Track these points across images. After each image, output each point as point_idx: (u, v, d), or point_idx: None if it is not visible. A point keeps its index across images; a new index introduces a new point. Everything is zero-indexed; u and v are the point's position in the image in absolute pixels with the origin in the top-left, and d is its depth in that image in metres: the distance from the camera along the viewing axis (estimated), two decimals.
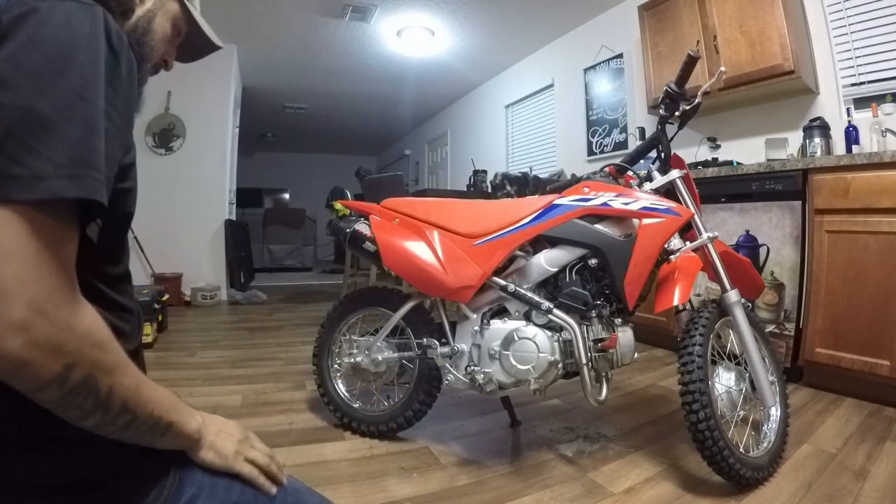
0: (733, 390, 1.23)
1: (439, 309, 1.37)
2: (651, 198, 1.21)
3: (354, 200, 2.20)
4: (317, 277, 6.39)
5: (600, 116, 3.78)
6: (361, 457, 1.32)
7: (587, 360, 1.17)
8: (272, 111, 6.65)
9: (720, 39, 2.50)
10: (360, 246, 1.36)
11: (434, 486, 1.16)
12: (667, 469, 1.25)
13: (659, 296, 1.18)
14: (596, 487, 1.16)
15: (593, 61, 3.83)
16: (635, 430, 1.50)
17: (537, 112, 4.66)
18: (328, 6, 3.60)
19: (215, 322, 3.20)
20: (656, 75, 2.91)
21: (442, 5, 3.63)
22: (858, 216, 1.75)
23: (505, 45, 4.43)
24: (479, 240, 1.26)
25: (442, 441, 1.42)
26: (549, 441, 1.43)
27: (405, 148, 8.25)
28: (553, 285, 1.27)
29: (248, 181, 8.27)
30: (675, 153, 1.36)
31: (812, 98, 2.44)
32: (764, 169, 2.06)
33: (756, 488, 1.12)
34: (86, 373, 0.40)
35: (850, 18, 2.29)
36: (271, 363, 2.22)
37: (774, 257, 2.01)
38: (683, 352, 1.13)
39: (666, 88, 1.27)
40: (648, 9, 2.97)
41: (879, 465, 1.24)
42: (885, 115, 2.10)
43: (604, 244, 1.19)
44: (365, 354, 1.41)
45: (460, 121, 6.21)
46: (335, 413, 1.49)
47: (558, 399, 1.77)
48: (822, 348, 1.82)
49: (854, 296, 1.74)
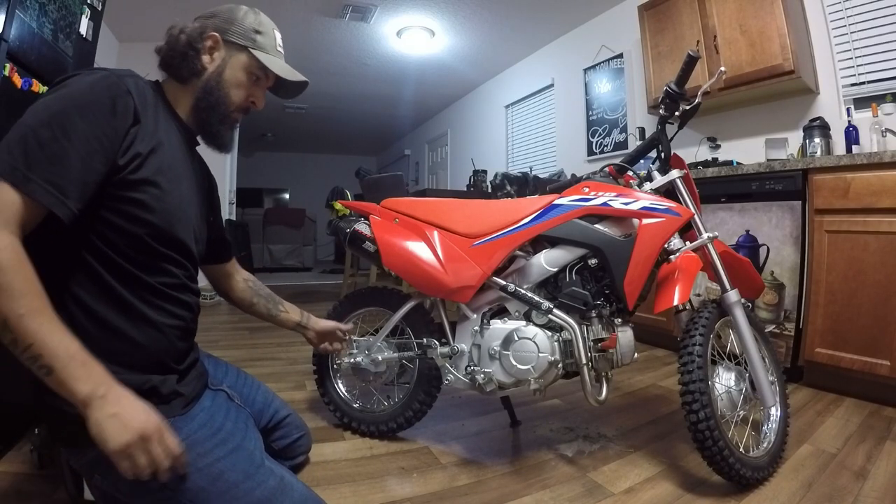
0: (733, 390, 1.23)
1: (439, 309, 1.37)
2: (651, 198, 1.21)
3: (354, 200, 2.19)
4: (317, 277, 6.39)
5: (600, 116, 3.78)
6: (361, 457, 1.32)
7: (587, 360, 1.17)
8: (272, 111, 6.64)
9: (720, 39, 2.50)
10: (360, 246, 1.36)
11: (434, 486, 1.16)
12: (667, 469, 1.25)
13: (659, 296, 1.18)
14: (596, 487, 1.16)
15: (593, 61, 3.83)
16: (635, 430, 1.50)
17: (537, 112, 4.65)
18: (328, 6, 3.60)
19: (215, 322, 3.20)
20: (656, 75, 2.91)
21: (442, 5, 3.63)
22: (858, 216, 1.75)
23: (505, 45, 4.43)
24: (479, 240, 1.26)
25: (442, 441, 1.42)
26: (549, 441, 1.43)
27: (405, 148, 8.24)
28: (553, 285, 1.27)
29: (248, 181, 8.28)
30: (675, 153, 1.35)
31: (812, 98, 2.44)
32: (764, 169, 2.06)
33: (756, 488, 1.12)
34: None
35: (850, 18, 2.29)
36: (271, 363, 2.22)
37: (774, 257, 2.01)
38: (683, 352, 1.13)
39: (666, 88, 1.27)
40: (648, 9, 2.97)
41: (879, 465, 1.24)
42: (885, 115, 2.10)
43: (604, 244, 1.19)
44: (365, 354, 1.40)
45: (460, 121, 6.21)
46: (335, 413, 1.49)
47: (558, 399, 1.77)
48: (822, 348, 1.82)
49: (854, 296, 1.74)
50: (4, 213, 0.57)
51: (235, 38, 0.85)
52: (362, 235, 1.35)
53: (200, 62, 0.83)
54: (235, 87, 0.85)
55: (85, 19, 1.63)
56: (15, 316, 0.53)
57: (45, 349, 0.55)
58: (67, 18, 1.52)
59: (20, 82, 1.30)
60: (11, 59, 1.26)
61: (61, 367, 0.56)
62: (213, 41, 0.84)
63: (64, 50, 1.52)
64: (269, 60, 0.87)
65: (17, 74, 1.28)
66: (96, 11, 1.71)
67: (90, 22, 1.66)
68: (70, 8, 1.53)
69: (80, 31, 1.60)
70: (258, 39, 0.87)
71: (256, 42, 0.86)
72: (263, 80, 0.90)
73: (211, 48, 0.84)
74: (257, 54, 0.86)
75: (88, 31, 1.66)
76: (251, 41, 0.86)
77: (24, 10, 1.29)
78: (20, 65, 1.30)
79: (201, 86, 0.83)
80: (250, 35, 0.86)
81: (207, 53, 0.83)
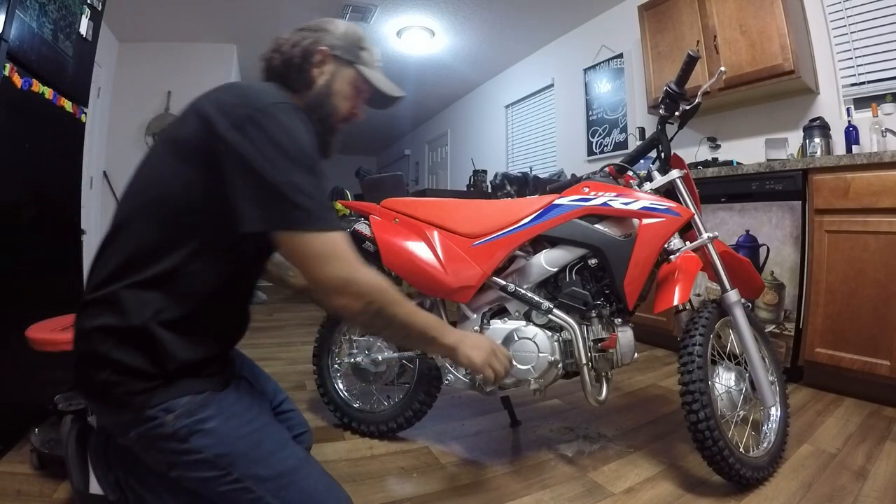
0: (733, 390, 1.23)
1: (439, 309, 1.37)
2: (651, 198, 1.21)
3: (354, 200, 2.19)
4: None
5: (600, 116, 3.78)
6: (361, 457, 1.32)
7: (587, 360, 1.17)
8: None
9: (720, 39, 2.50)
10: (360, 246, 1.35)
11: (434, 486, 1.16)
12: (667, 469, 1.25)
13: (659, 296, 1.18)
14: (596, 487, 1.16)
15: (593, 61, 3.83)
16: (635, 430, 1.50)
17: (537, 112, 4.65)
18: (328, 6, 3.60)
19: None
20: (656, 75, 2.91)
21: (442, 5, 3.63)
22: (858, 216, 1.75)
23: (505, 45, 4.43)
24: (479, 240, 1.26)
25: (442, 441, 1.42)
26: (549, 441, 1.43)
27: (405, 148, 8.24)
28: (553, 285, 1.27)
29: None
30: (675, 153, 1.35)
31: (812, 98, 2.44)
32: (764, 169, 2.06)
33: (756, 488, 1.12)
34: (377, 306, 0.75)
35: (850, 18, 2.29)
36: (271, 363, 2.22)
37: (774, 257, 2.01)
38: (683, 352, 1.13)
39: (666, 88, 1.27)
40: (648, 9, 2.97)
41: (879, 465, 1.24)
42: (885, 115, 2.10)
43: (604, 244, 1.19)
44: (365, 354, 1.40)
45: (460, 121, 6.21)
46: (335, 413, 1.49)
47: (558, 399, 1.77)
48: (822, 348, 1.82)
49: (854, 296, 1.74)
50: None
51: (342, 52, 0.91)
52: (362, 235, 1.35)
53: (311, 75, 0.89)
54: (343, 100, 0.92)
55: (85, 19, 1.63)
56: (407, 315, 0.80)
57: (427, 326, 0.84)
58: (67, 18, 1.52)
59: (20, 82, 1.30)
60: (11, 59, 1.26)
61: (438, 333, 0.85)
62: (322, 55, 0.89)
63: (64, 50, 1.52)
64: (373, 76, 0.94)
65: (17, 74, 1.28)
66: (96, 11, 1.71)
67: (90, 22, 1.66)
68: (70, 8, 1.53)
69: (80, 31, 1.60)
70: (363, 55, 0.94)
71: (361, 58, 0.93)
72: (366, 92, 0.96)
73: (321, 62, 0.90)
74: (362, 69, 0.93)
75: (88, 31, 1.66)
76: (357, 57, 0.93)
77: (24, 10, 1.29)
78: (20, 65, 1.30)
79: (313, 97, 0.89)
80: (356, 52, 0.93)
81: (318, 67, 0.89)
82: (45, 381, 1.29)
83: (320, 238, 0.70)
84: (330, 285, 0.72)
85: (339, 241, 0.73)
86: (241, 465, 0.73)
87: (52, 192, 1.56)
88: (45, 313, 1.25)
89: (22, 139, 1.36)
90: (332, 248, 0.71)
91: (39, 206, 1.45)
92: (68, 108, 1.59)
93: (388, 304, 0.76)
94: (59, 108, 1.54)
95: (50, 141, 1.52)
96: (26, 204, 1.39)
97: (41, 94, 1.41)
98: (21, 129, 1.35)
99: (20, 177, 1.37)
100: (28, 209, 1.40)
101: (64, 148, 1.62)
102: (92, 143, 3.33)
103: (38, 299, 1.41)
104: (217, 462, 0.72)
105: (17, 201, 1.35)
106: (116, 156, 3.90)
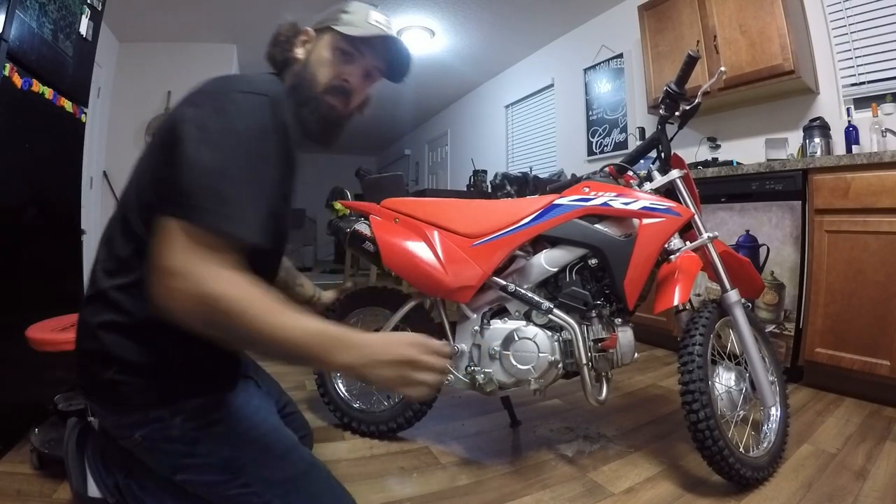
0: (733, 390, 1.23)
1: (439, 309, 1.37)
2: (651, 198, 1.21)
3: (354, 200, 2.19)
4: (317, 277, 6.38)
5: (600, 116, 3.78)
6: (361, 457, 1.32)
7: (587, 360, 1.17)
8: None
9: (720, 39, 2.50)
10: (360, 246, 1.35)
11: (434, 486, 1.16)
12: (667, 469, 1.25)
13: (659, 296, 1.18)
14: (596, 487, 1.16)
15: (593, 61, 3.83)
16: (635, 430, 1.50)
17: (537, 112, 4.65)
18: (328, 6, 3.60)
19: None
20: (656, 75, 2.91)
21: (442, 5, 3.63)
22: (858, 216, 1.75)
23: (505, 45, 4.43)
24: (480, 240, 1.26)
25: (442, 441, 1.42)
26: (549, 441, 1.43)
27: (405, 148, 8.23)
28: (553, 285, 1.27)
29: None
30: (675, 153, 1.35)
31: (812, 98, 2.44)
32: (764, 169, 2.05)
33: (756, 488, 1.12)
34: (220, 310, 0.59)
35: (850, 18, 2.29)
36: (271, 363, 2.22)
37: (774, 257, 2.01)
38: (683, 352, 1.13)
39: (666, 88, 1.27)
40: (648, 9, 2.97)
41: (879, 465, 1.24)
42: (885, 115, 2.10)
43: (604, 244, 1.19)
44: None
45: (460, 121, 6.21)
46: (335, 413, 1.49)
47: (558, 399, 1.77)
48: (822, 348, 1.82)
49: (854, 296, 1.74)
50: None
51: (321, 24, 0.87)
52: (362, 235, 1.35)
53: (292, 55, 0.85)
54: (320, 66, 0.84)
55: (85, 19, 1.63)
56: (263, 325, 0.62)
57: (299, 342, 0.65)
58: (67, 18, 1.52)
59: (20, 82, 1.30)
60: (11, 59, 1.26)
61: (324, 351, 0.65)
62: (306, 35, 0.87)
63: (64, 50, 1.52)
64: (349, 29, 0.84)
65: (17, 74, 1.28)
66: (96, 11, 1.71)
67: (90, 22, 1.66)
68: (70, 8, 1.53)
69: (80, 31, 1.60)
70: (343, 17, 0.85)
71: (341, 19, 0.85)
72: (356, 55, 0.85)
73: (304, 41, 0.86)
74: (339, 28, 0.84)
75: (88, 31, 1.66)
76: (335, 20, 0.85)
77: (24, 10, 1.29)
78: (20, 65, 1.30)
79: (292, 76, 0.84)
80: (334, 15, 0.86)
81: (301, 46, 0.86)
82: (45, 381, 1.29)
83: (192, 230, 0.58)
84: (163, 268, 0.58)
85: (214, 241, 0.59)
86: (251, 469, 0.71)
87: (52, 192, 1.56)
88: (45, 313, 1.25)
89: (22, 139, 1.36)
90: (197, 241, 0.58)
91: (39, 205, 1.45)
92: (68, 108, 1.59)
93: (240, 312, 0.58)
94: (59, 108, 1.54)
95: (50, 141, 1.52)
96: (26, 204, 1.39)
97: (41, 94, 1.41)
98: (21, 129, 1.35)
99: (20, 177, 1.37)
100: (28, 209, 1.40)
101: (64, 148, 1.62)
102: (92, 143, 3.33)
103: (38, 299, 1.41)
104: (226, 466, 0.70)
105: (17, 201, 1.35)
106: (116, 156, 3.90)
